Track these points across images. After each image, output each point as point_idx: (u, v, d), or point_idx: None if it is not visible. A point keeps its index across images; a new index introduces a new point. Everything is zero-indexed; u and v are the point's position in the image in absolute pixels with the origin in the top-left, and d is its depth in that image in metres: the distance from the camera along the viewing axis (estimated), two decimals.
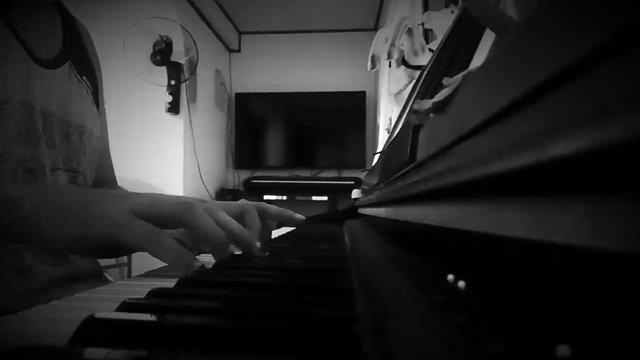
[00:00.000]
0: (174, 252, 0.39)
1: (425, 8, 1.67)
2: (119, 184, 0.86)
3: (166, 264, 0.42)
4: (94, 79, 0.76)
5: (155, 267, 0.47)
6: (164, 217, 0.42)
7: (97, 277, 0.68)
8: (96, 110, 0.74)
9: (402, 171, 0.40)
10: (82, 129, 0.69)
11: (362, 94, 3.64)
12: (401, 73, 1.42)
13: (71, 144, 0.66)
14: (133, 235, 0.39)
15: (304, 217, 0.61)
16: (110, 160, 0.83)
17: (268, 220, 0.58)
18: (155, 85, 2.77)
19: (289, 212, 0.59)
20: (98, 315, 0.20)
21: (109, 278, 0.73)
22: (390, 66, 1.79)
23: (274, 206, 0.58)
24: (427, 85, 0.80)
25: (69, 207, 0.42)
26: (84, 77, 0.71)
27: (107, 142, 0.83)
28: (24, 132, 0.58)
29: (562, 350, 0.12)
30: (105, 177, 0.80)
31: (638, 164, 0.09)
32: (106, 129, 0.82)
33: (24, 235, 0.42)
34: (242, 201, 0.54)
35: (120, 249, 0.42)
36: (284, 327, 0.20)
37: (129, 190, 0.67)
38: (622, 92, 0.09)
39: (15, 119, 0.57)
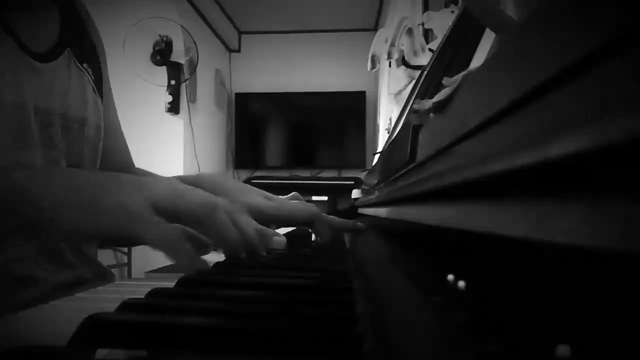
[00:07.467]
0: (186, 259, 0.39)
1: (425, 8, 1.67)
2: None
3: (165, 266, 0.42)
4: (96, 62, 0.72)
5: (155, 267, 0.47)
6: (183, 216, 0.41)
7: (102, 278, 0.67)
8: (98, 98, 0.71)
9: (402, 171, 0.40)
10: (83, 122, 0.66)
11: (362, 94, 3.64)
12: (401, 73, 1.42)
13: (71, 138, 0.64)
14: (149, 233, 0.38)
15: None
16: (125, 141, 0.81)
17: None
18: (155, 85, 2.77)
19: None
20: (98, 315, 0.20)
21: (115, 278, 0.72)
22: (390, 66, 1.79)
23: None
24: (427, 85, 0.80)
25: (80, 197, 0.39)
26: (84, 65, 0.68)
27: (118, 122, 0.79)
28: (18, 135, 0.55)
29: (562, 350, 0.12)
30: (127, 160, 0.78)
31: (638, 164, 0.09)
32: (115, 110, 0.78)
33: (37, 224, 0.39)
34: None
35: (136, 241, 0.40)
36: (284, 327, 0.20)
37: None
38: (622, 92, 0.09)
39: (10, 122, 0.54)
